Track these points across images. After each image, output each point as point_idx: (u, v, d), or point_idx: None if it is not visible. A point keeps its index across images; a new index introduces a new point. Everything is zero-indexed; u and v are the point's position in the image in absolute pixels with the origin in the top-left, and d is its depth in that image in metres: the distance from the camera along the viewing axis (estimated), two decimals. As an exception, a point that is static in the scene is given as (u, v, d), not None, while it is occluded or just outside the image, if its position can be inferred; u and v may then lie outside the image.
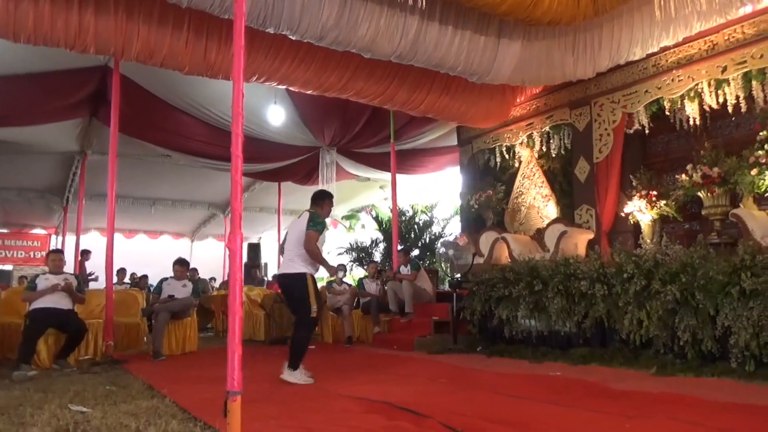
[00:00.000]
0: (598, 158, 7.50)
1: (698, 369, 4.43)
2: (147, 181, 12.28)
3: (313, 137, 10.24)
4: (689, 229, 6.99)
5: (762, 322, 4.10)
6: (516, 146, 9.03)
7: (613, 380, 4.31)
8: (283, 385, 4.60)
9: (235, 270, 2.64)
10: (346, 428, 3.04)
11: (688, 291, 4.62)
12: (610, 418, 3.11)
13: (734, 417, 3.04)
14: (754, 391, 3.78)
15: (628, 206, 7.12)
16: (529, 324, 6.13)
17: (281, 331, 8.58)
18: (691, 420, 2.97)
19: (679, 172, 6.61)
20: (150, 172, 11.62)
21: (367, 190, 14.46)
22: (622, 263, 5.25)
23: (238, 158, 2.67)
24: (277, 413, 3.44)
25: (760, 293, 4.14)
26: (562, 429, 2.89)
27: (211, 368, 5.62)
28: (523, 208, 9.01)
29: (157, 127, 9.08)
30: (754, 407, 3.27)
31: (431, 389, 4.28)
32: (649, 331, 4.88)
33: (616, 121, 7.36)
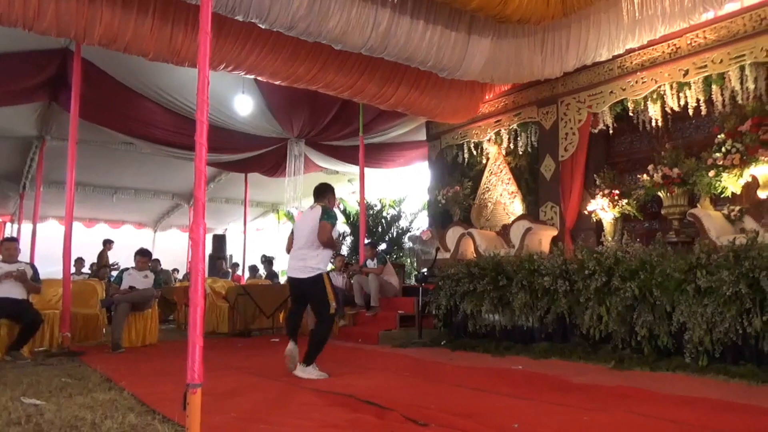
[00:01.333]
0: (564, 156, 7.62)
1: (654, 363, 4.56)
2: (108, 169, 11.99)
3: (281, 128, 10.15)
4: (649, 227, 7.18)
5: (715, 318, 4.24)
6: (484, 143, 9.11)
7: (572, 374, 4.40)
8: (244, 378, 4.56)
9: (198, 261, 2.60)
10: (309, 421, 3.03)
11: (646, 288, 4.75)
12: (569, 411, 3.17)
13: (687, 410, 3.15)
14: (707, 384, 3.91)
15: (591, 204, 7.27)
16: (493, 318, 6.21)
17: (245, 324, 8.51)
18: (646, 413, 3.06)
19: (641, 172, 6.77)
20: (112, 159, 11.35)
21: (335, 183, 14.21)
22: (584, 260, 5.35)
23: (202, 146, 2.63)
24: (238, 406, 3.41)
25: (714, 291, 4.28)
26: (522, 421, 2.94)
27: (171, 361, 5.53)
28: (490, 204, 9.12)
29: (119, 113, 8.86)
30: (706, 400, 3.38)
31: (395, 382, 4.30)
32: (609, 326, 5.00)
33: (581, 121, 7.50)
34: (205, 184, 2.67)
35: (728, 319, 4.16)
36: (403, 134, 10.54)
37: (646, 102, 6.84)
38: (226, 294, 9.05)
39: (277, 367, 4.96)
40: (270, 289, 9.24)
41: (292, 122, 9.95)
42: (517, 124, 8.46)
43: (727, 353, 4.29)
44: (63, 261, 6.54)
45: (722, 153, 5.84)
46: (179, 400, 2.59)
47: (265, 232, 18.02)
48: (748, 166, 5.72)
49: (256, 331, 8.75)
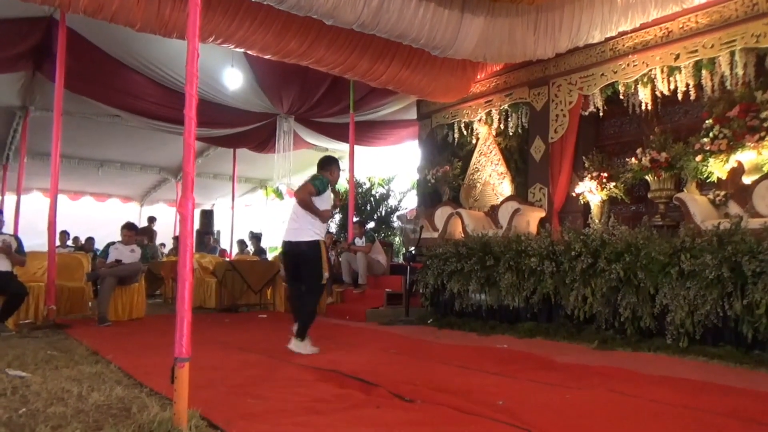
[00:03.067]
0: (554, 138, 7.64)
1: (636, 344, 4.65)
2: (94, 141, 11.83)
3: (270, 104, 10.05)
4: (635, 210, 7.25)
5: (697, 301, 4.31)
6: (474, 123, 9.10)
7: (556, 353, 4.47)
8: (232, 353, 4.58)
9: (186, 235, 2.59)
10: (296, 395, 3.07)
11: (631, 270, 4.81)
12: (552, 389, 3.23)
13: (667, 389, 3.22)
14: (687, 365, 4.00)
15: (579, 187, 7.31)
16: (479, 298, 6.27)
17: (233, 299, 8.53)
18: (627, 392, 3.13)
19: (630, 156, 6.82)
20: (98, 132, 11.19)
21: (325, 161, 14.33)
22: (571, 242, 5.40)
23: (191, 120, 2.60)
24: (225, 380, 3.43)
25: (697, 274, 4.35)
26: (506, 398, 2.99)
27: (158, 335, 5.54)
28: (479, 185, 9.14)
29: (106, 85, 8.71)
30: (685, 381, 3.46)
31: (382, 359, 4.35)
32: (593, 307, 5.07)
33: (572, 103, 7.50)
34: (194, 159, 2.64)
35: (710, 301, 4.24)
36: (393, 112, 10.49)
37: (637, 85, 6.85)
38: (214, 269, 9.04)
39: (265, 342, 4.99)
40: (258, 265, 9.24)
41: (281, 98, 9.86)
42: (508, 105, 8.45)
43: (707, 335, 4.38)
44: (48, 234, 6.48)
45: (710, 138, 5.88)
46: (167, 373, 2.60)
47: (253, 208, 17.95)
48: (735, 151, 5.77)
49: (244, 307, 8.77)
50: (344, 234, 10.83)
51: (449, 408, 2.78)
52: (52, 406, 2.81)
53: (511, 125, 8.45)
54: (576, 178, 7.50)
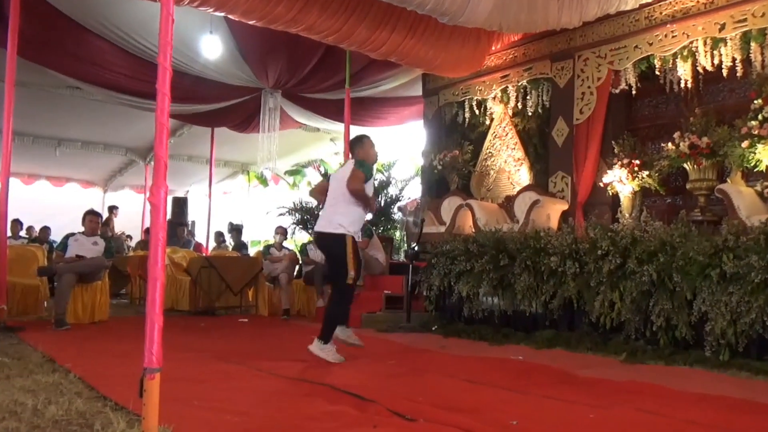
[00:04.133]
0: (579, 120, 7.63)
1: (670, 357, 4.67)
2: (51, 117, 11.79)
3: (254, 77, 10.01)
4: (671, 203, 7.25)
5: (740, 308, 4.33)
6: (488, 101, 9.07)
7: (578, 366, 4.49)
8: (209, 362, 4.60)
9: (158, 228, 2.59)
10: (281, 412, 3.08)
11: (665, 272, 4.82)
12: (572, 407, 3.25)
13: (703, 409, 3.23)
14: (727, 381, 4.02)
15: (607, 176, 7.30)
16: (491, 302, 6.29)
17: (209, 301, 8.54)
18: (658, 411, 3.14)
19: (666, 140, 6.80)
20: (55, 106, 11.15)
21: (316, 143, 14.29)
22: (597, 239, 5.41)
23: (165, 96, 2.59)
24: (201, 394, 3.45)
25: (741, 277, 4.36)
26: (521, 417, 3.01)
27: (124, 341, 5.55)
28: (492, 172, 9.13)
29: (66, 52, 8.67)
30: (725, 399, 3.47)
31: (379, 371, 4.36)
32: (621, 314, 5.09)
33: (601, 79, 7.48)
34: (167, 141, 2.64)
35: (755, 309, 4.24)
36: (395, 88, 10.46)
37: (675, 59, 6.83)
38: (187, 266, 9.05)
39: (246, 350, 5.01)
40: (238, 262, 9.25)
41: (267, 70, 9.82)
42: (527, 81, 8.42)
43: (751, 347, 4.39)
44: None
45: (758, 121, 5.85)
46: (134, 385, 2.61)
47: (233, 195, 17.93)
48: (787, 137, 5.76)
49: (222, 310, 8.79)
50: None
51: (456, 428, 2.79)
52: (4, 421, 2.82)
53: (531, 104, 8.43)
54: (604, 166, 7.50)
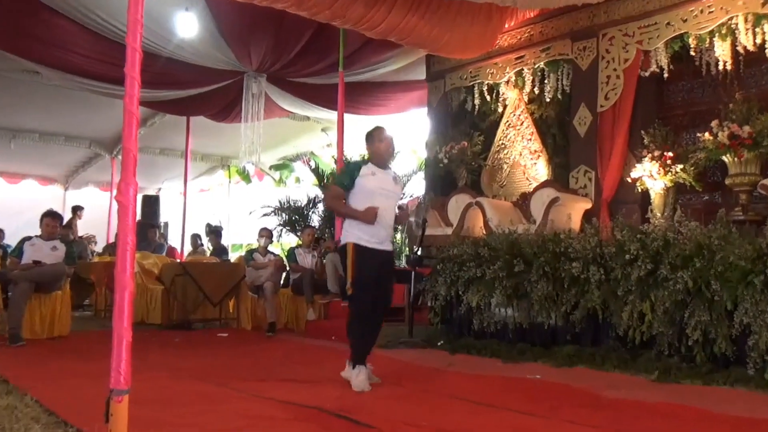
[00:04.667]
0: (604, 107, 7.63)
1: (708, 375, 4.65)
2: (6, 105, 11.79)
3: (235, 59, 10.01)
4: (709, 201, 7.26)
5: (788, 320, 4.32)
6: (501, 85, 9.08)
7: (604, 386, 4.48)
8: (184, 383, 4.59)
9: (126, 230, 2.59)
10: (267, 439, 3.08)
11: (702, 279, 4.81)
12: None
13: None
14: (772, 403, 4.02)
15: (636, 170, 7.31)
16: (504, 314, 6.27)
17: (184, 313, 8.53)
18: (696, 437, 3.14)
19: (702, 130, 6.81)
20: (10, 93, 11.15)
21: (306, 133, 14.29)
22: (625, 241, 5.40)
23: (134, 81, 2.59)
24: (176, 419, 3.44)
25: (789, 285, 4.36)
26: (539, 445, 3.01)
27: (88, 359, 5.55)
28: (506, 166, 9.14)
29: (21, 32, 8.66)
30: (771, 423, 3.48)
31: (377, 393, 4.36)
32: (653, 327, 5.08)
33: (628, 60, 7.48)
34: (136, 131, 2.64)
35: (804, 321, 4.24)
36: (395, 71, 10.45)
37: (713, 38, 6.84)
38: (159, 273, 9.04)
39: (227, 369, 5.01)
40: (217, 269, 9.24)
41: (249, 51, 9.81)
42: (545, 63, 8.43)
43: (800, 364, 4.39)
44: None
45: (807, 108, 5.88)
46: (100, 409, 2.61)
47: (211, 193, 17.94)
48: (840, 126, 5.77)
49: (199, 323, 8.78)
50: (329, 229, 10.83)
51: (465, 457, 2.79)
52: (-49, 451, 2.81)
53: (549, 89, 8.43)
54: (632, 159, 7.50)
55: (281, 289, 8.86)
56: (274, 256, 9.07)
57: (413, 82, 10.75)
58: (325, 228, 11.28)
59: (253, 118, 10.74)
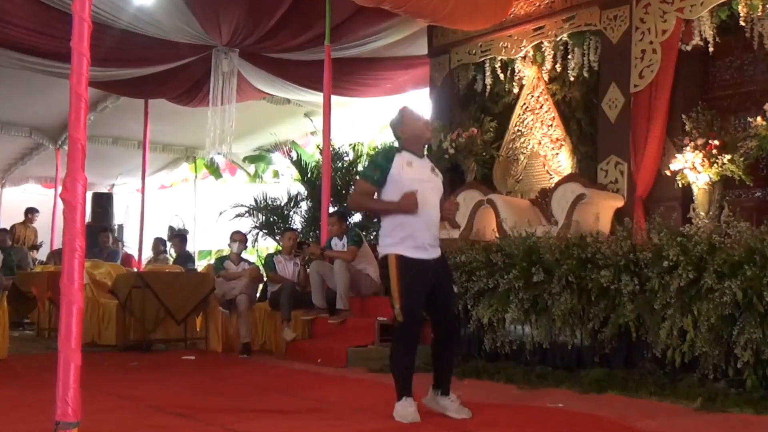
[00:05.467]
0: (638, 87, 7.64)
1: (761, 402, 4.66)
2: (-71, 87, 11.80)
3: (202, 31, 10.01)
4: (762, 198, 7.27)
5: None
6: (516, 62, 9.08)
7: (638, 417, 4.49)
8: (143, 413, 4.59)
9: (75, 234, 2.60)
10: (241, 480, 3.09)
11: (753, 290, 4.83)
12: (632, 472, 3.27)
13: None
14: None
15: (676, 161, 7.32)
16: (521, 332, 6.28)
17: (143, 332, 8.52)
18: (746, 475, 3.16)
19: (754, 114, 6.82)
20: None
21: (286, 119, 14.29)
22: (663, 246, 5.41)
23: (82, 57, 2.59)
24: (133, 456, 3.45)
25: None
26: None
27: (30, 386, 5.54)
28: (522, 157, 9.14)
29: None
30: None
31: (372, 426, 4.38)
32: (695, 346, 5.09)
33: (667, 32, 7.49)
34: (85, 117, 2.64)
35: None
36: (391, 45, 10.46)
37: (766, 5, 6.86)
38: (113, 286, 9.02)
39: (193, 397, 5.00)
40: (181, 280, 9.23)
41: (219, 22, 9.81)
42: (569, 35, 8.43)
43: None
44: None
45: None
46: (43, 446, 2.61)
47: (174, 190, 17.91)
48: None
49: (161, 344, 8.77)
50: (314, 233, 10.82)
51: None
52: None
53: (573, 66, 8.43)
54: (672, 149, 7.51)
55: (257, 304, 8.85)
56: (248, 265, 9.06)
57: (413, 58, 10.76)
58: (308, 231, 11.26)
59: (224, 101, 10.73)
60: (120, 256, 13.13)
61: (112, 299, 8.89)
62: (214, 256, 13.76)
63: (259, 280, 9.06)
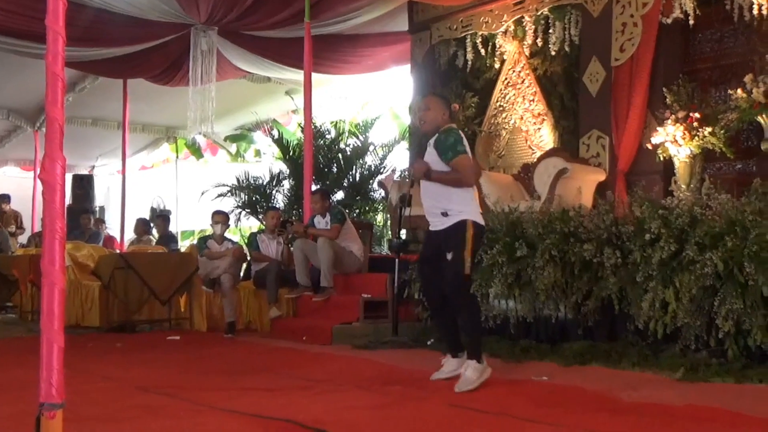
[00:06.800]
0: (619, 60, 7.65)
1: (742, 372, 4.71)
2: None
3: (180, 9, 9.92)
4: (742, 170, 7.30)
5: (833, 306, 4.40)
6: (498, 37, 9.06)
7: (622, 387, 4.53)
8: (128, 394, 4.59)
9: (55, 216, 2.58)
10: (228, 458, 3.10)
11: (734, 261, 4.86)
12: (616, 442, 3.30)
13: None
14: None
15: (657, 135, 7.34)
16: (505, 306, 6.31)
17: (127, 313, 8.50)
18: (728, 444, 3.20)
19: (734, 86, 6.84)
20: None
21: (266, 98, 14.23)
22: (645, 219, 5.44)
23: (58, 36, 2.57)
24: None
25: (834, 266, 4.43)
26: (547, 457, 3.05)
27: (13, 369, 5.53)
28: (505, 133, 9.15)
29: None
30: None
31: (358, 402, 4.37)
32: (677, 318, 5.13)
33: (647, 5, 7.48)
34: (63, 98, 2.62)
35: None
36: (371, 22, 10.41)
37: (746, -22, 6.87)
38: (96, 267, 8.99)
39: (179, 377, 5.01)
40: (164, 261, 9.21)
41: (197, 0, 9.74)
42: (549, 9, 8.40)
43: None
44: None
45: None
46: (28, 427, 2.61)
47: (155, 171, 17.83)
48: None
49: (145, 325, 8.77)
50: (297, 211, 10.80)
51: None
52: None
53: (554, 40, 8.42)
54: (653, 122, 7.53)
55: (241, 283, 8.85)
56: (232, 244, 9.04)
57: (393, 35, 10.71)
58: (291, 209, 11.24)
59: (203, 80, 10.66)
60: (102, 238, 13.08)
61: (94, 281, 8.86)
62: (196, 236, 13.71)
63: (243, 260, 9.05)
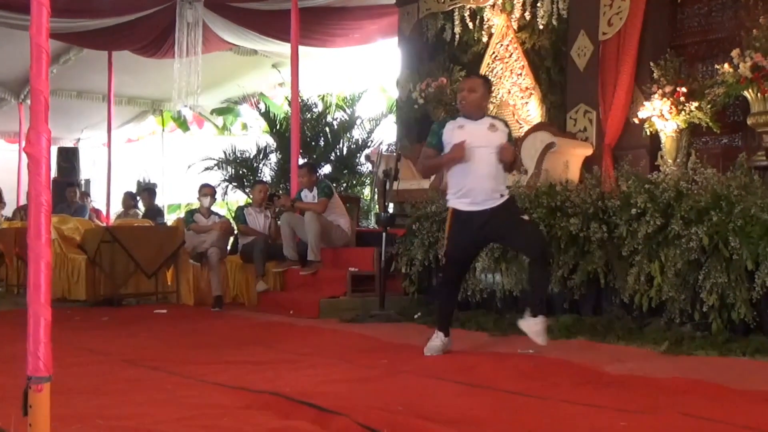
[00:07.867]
0: (607, 34, 7.63)
1: (725, 345, 4.76)
2: None
3: (166, -20, 9.85)
4: (728, 145, 7.33)
5: (816, 280, 4.44)
6: (485, 10, 9.02)
7: (607, 360, 4.56)
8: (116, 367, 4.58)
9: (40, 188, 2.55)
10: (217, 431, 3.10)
11: (719, 235, 4.89)
12: (600, 414, 3.31)
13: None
14: (798, 375, 4.13)
15: (644, 109, 7.34)
16: (492, 280, 6.33)
17: (113, 286, 8.49)
18: (711, 416, 3.21)
19: (721, 61, 6.84)
20: None
21: (253, 70, 14.15)
22: (631, 193, 5.46)
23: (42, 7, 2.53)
24: (106, 410, 3.44)
25: (818, 240, 4.46)
26: (533, 429, 3.07)
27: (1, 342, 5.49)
28: (492, 106, 9.11)
29: None
30: (796, 398, 3.58)
31: (345, 374, 4.39)
32: (662, 291, 5.17)
33: (635, -22, 7.47)
34: (47, 70, 2.59)
35: (835, 281, 4.35)
36: (359, -7, 10.37)
37: (735, -48, 6.85)
38: (82, 240, 8.96)
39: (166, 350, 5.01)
40: (151, 234, 9.18)
41: (183, -30, 9.67)
42: (538, -18, 8.39)
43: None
44: None
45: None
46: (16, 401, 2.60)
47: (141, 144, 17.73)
48: None
49: (131, 298, 8.76)
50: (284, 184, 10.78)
51: (448, 445, 2.84)
52: None
53: (542, 14, 8.39)
54: (640, 96, 7.53)
55: (228, 257, 8.84)
56: (219, 218, 9.02)
57: (380, 7, 10.65)
58: (278, 183, 11.22)
59: (189, 52, 10.60)
60: (87, 211, 13.01)
61: (80, 254, 8.83)
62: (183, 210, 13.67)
63: (230, 233, 9.03)
